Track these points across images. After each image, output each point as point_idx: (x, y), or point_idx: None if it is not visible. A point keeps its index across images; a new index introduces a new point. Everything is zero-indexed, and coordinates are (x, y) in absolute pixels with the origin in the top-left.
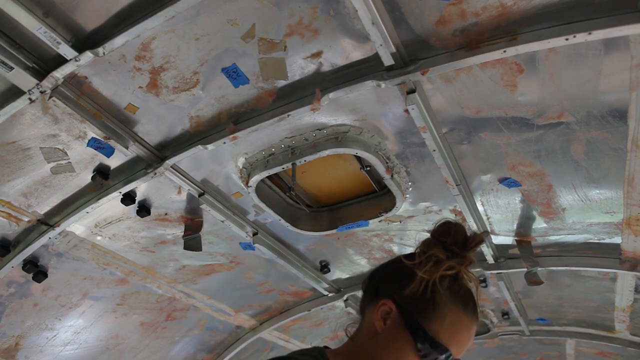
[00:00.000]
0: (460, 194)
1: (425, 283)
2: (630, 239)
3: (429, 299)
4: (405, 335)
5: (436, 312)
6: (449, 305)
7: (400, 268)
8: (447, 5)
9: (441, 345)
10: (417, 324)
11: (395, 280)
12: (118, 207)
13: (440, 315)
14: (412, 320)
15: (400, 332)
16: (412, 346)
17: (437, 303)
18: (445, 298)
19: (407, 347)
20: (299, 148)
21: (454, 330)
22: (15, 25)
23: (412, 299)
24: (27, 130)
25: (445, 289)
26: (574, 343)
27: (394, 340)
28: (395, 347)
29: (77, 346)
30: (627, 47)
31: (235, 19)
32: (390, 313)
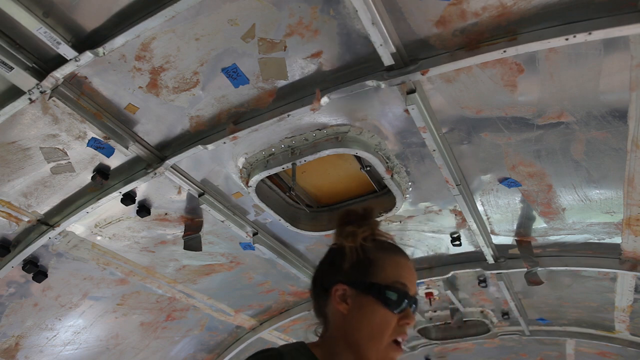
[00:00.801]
0: (460, 194)
1: (355, 250)
2: (630, 239)
3: (365, 260)
4: (367, 299)
5: (376, 266)
6: (382, 257)
7: (331, 257)
8: (447, 5)
9: (396, 285)
10: (369, 284)
11: (333, 267)
12: (118, 207)
13: (380, 267)
14: (365, 284)
15: (362, 300)
16: (377, 304)
17: (372, 259)
18: (376, 252)
19: (374, 308)
20: (299, 148)
21: (398, 269)
22: (15, 25)
23: (354, 268)
24: (27, 130)
25: (372, 245)
26: (574, 343)
27: (361, 310)
28: (365, 314)
29: (77, 346)
30: (627, 47)
31: (235, 19)
32: (345, 292)
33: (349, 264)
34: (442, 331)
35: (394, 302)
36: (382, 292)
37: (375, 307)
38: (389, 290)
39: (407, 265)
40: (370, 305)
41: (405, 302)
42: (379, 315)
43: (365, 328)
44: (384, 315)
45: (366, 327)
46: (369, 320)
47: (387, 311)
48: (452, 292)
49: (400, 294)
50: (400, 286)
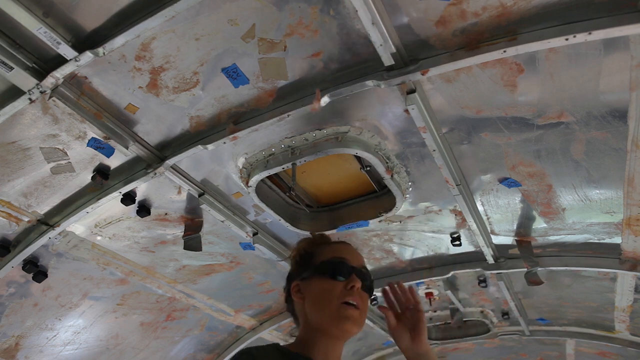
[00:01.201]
0: (460, 194)
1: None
2: (630, 239)
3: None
4: (312, 280)
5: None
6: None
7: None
8: (447, 5)
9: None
10: (311, 269)
11: (289, 275)
12: (118, 207)
13: (318, 254)
14: (308, 271)
15: (309, 284)
16: (318, 279)
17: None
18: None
19: (317, 283)
20: (299, 148)
21: (332, 250)
22: (15, 25)
23: (299, 266)
24: (27, 130)
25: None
26: (574, 343)
27: (311, 291)
28: (312, 292)
29: (77, 346)
30: (627, 47)
31: (235, 19)
32: (298, 286)
33: (294, 266)
34: (442, 331)
35: (332, 270)
36: (321, 267)
37: (317, 282)
38: (326, 263)
39: (342, 246)
40: (314, 283)
41: (345, 268)
42: (321, 286)
43: (315, 301)
44: (325, 285)
45: (315, 300)
46: (315, 294)
47: (329, 280)
48: (452, 292)
49: (336, 262)
50: (334, 259)
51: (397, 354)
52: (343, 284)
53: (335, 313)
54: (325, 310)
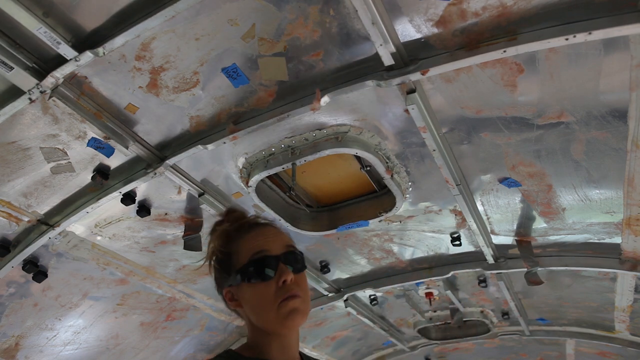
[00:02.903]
0: (460, 194)
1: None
2: (630, 239)
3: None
4: (241, 286)
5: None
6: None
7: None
8: (447, 5)
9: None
10: (234, 273)
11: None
12: (118, 207)
13: (236, 252)
14: (232, 277)
15: (241, 290)
16: (248, 285)
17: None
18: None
19: (249, 289)
20: (299, 148)
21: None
22: (15, 25)
23: (222, 272)
24: (27, 130)
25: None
26: (574, 343)
27: (245, 296)
28: (249, 298)
29: (77, 346)
30: (627, 47)
31: (235, 19)
32: (230, 292)
33: (216, 272)
34: (442, 331)
35: (257, 272)
36: (246, 272)
37: (251, 287)
38: (249, 266)
39: (257, 233)
40: (248, 289)
41: (269, 263)
42: (257, 291)
43: (253, 308)
44: (260, 288)
45: (253, 307)
46: (251, 301)
47: (262, 283)
48: (452, 292)
49: (258, 261)
50: (255, 258)
51: (397, 354)
52: (274, 280)
53: (277, 314)
54: (266, 314)
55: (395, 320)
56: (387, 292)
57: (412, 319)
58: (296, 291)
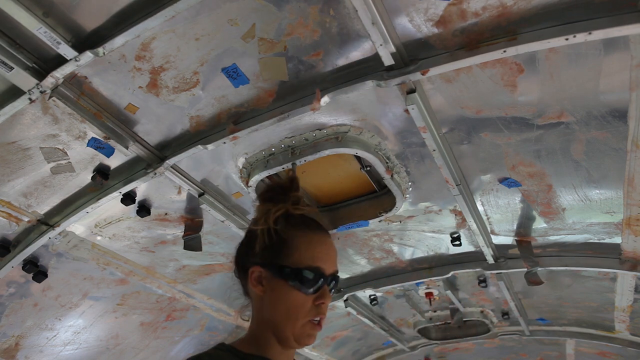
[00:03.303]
0: (460, 194)
1: (267, 232)
2: (630, 239)
3: (277, 242)
4: (280, 281)
5: (289, 247)
6: (295, 236)
7: (247, 238)
8: (447, 5)
9: (308, 268)
10: (281, 267)
11: (247, 248)
12: (118, 207)
13: (294, 247)
14: (277, 267)
15: (276, 283)
16: (290, 286)
17: (285, 240)
18: (288, 232)
19: (287, 290)
20: (299, 148)
21: (311, 250)
22: (15, 25)
23: (266, 251)
24: (27, 130)
25: (284, 226)
26: (574, 343)
27: (275, 291)
28: (279, 297)
29: (77, 346)
30: (627, 47)
31: (235, 19)
32: (260, 275)
33: (260, 247)
34: (442, 331)
35: (307, 284)
36: (294, 275)
37: (289, 289)
38: (301, 273)
39: (322, 241)
40: (283, 287)
41: (320, 282)
42: (292, 297)
43: (280, 309)
44: (297, 297)
45: (281, 308)
46: (283, 302)
47: (300, 293)
48: (452, 292)
49: (313, 276)
50: (312, 269)
51: (397, 354)
52: (313, 297)
53: (300, 330)
54: (291, 324)
55: (395, 320)
56: (387, 292)
57: (412, 319)
58: (324, 316)
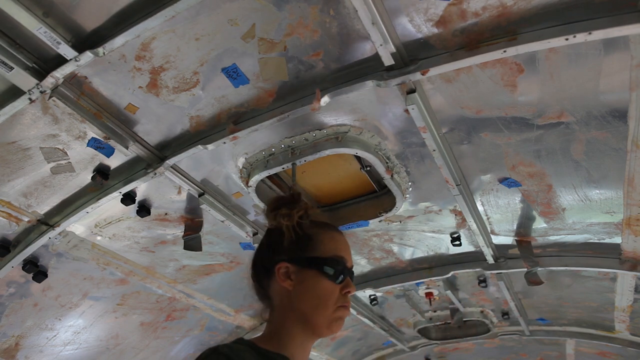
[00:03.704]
0: (460, 194)
1: (292, 228)
2: (630, 239)
3: (303, 236)
4: (309, 273)
5: (314, 241)
6: (318, 232)
7: (269, 238)
8: (447, 5)
9: (335, 257)
10: (310, 258)
11: (272, 248)
12: (118, 207)
13: (319, 241)
14: (306, 259)
15: (305, 274)
16: (320, 276)
17: (310, 235)
18: (312, 229)
19: (317, 280)
20: (299, 148)
21: (334, 243)
22: (15, 25)
23: (293, 246)
24: (27, 130)
25: (307, 223)
26: (574, 343)
27: (305, 283)
28: (309, 287)
29: (77, 346)
30: (627, 47)
31: (235, 19)
32: (288, 269)
33: (288, 242)
34: (442, 331)
35: (334, 274)
36: (322, 265)
37: (318, 279)
38: (328, 263)
39: (342, 239)
40: (313, 278)
41: (346, 272)
42: (322, 286)
43: (310, 299)
44: (327, 286)
45: (312, 298)
46: (313, 292)
47: (329, 282)
48: (452, 292)
49: (339, 266)
50: (338, 259)
51: (397, 354)
52: (340, 286)
53: (332, 316)
54: (320, 310)
55: (395, 320)
56: (387, 292)
57: (412, 319)
58: (350, 304)
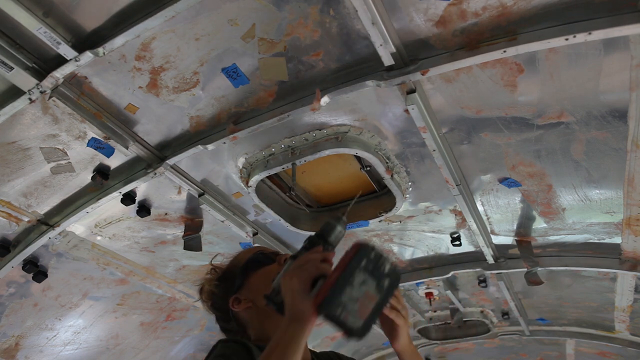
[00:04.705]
0: (460, 194)
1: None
2: (630, 239)
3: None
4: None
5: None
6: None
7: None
8: (447, 5)
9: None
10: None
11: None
12: (118, 207)
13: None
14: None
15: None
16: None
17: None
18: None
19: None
20: (299, 148)
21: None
22: (15, 25)
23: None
24: (27, 130)
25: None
26: (574, 343)
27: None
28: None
29: (77, 346)
30: (627, 47)
31: (235, 19)
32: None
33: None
34: (442, 331)
35: (263, 258)
36: (249, 269)
37: (258, 276)
38: (250, 264)
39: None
40: (254, 280)
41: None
42: (264, 275)
43: (259, 294)
44: (267, 271)
45: (259, 293)
46: (256, 288)
47: (265, 268)
48: (452, 292)
49: (259, 256)
50: (255, 254)
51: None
52: (274, 265)
53: None
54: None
55: None
56: None
57: (412, 319)
58: None
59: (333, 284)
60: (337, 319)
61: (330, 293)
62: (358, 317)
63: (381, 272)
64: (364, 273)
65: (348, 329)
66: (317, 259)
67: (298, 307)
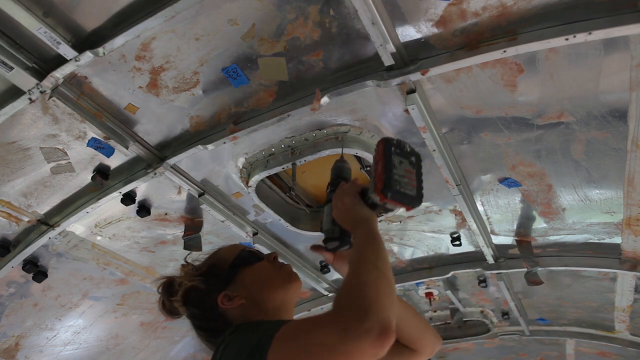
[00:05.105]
0: (460, 194)
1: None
2: (630, 239)
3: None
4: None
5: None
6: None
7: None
8: (447, 5)
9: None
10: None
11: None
12: (118, 207)
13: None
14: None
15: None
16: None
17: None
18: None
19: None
20: (299, 148)
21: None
22: (15, 25)
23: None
24: (27, 130)
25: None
26: (574, 343)
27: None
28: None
29: (77, 346)
30: (627, 47)
31: (235, 19)
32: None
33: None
34: (442, 331)
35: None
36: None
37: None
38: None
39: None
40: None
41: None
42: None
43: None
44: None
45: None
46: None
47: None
48: (452, 292)
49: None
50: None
51: None
52: (264, 262)
53: (282, 279)
54: (274, 284)
55: None
56: None
57: None
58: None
59: (383, 171)
60: (400, 193)
61: (386, 177)
62: (412, 187)
63: (407, 151)
64: (397, 156)
65: (410, 198)
66: (350, 183)
67: (360, 214)
